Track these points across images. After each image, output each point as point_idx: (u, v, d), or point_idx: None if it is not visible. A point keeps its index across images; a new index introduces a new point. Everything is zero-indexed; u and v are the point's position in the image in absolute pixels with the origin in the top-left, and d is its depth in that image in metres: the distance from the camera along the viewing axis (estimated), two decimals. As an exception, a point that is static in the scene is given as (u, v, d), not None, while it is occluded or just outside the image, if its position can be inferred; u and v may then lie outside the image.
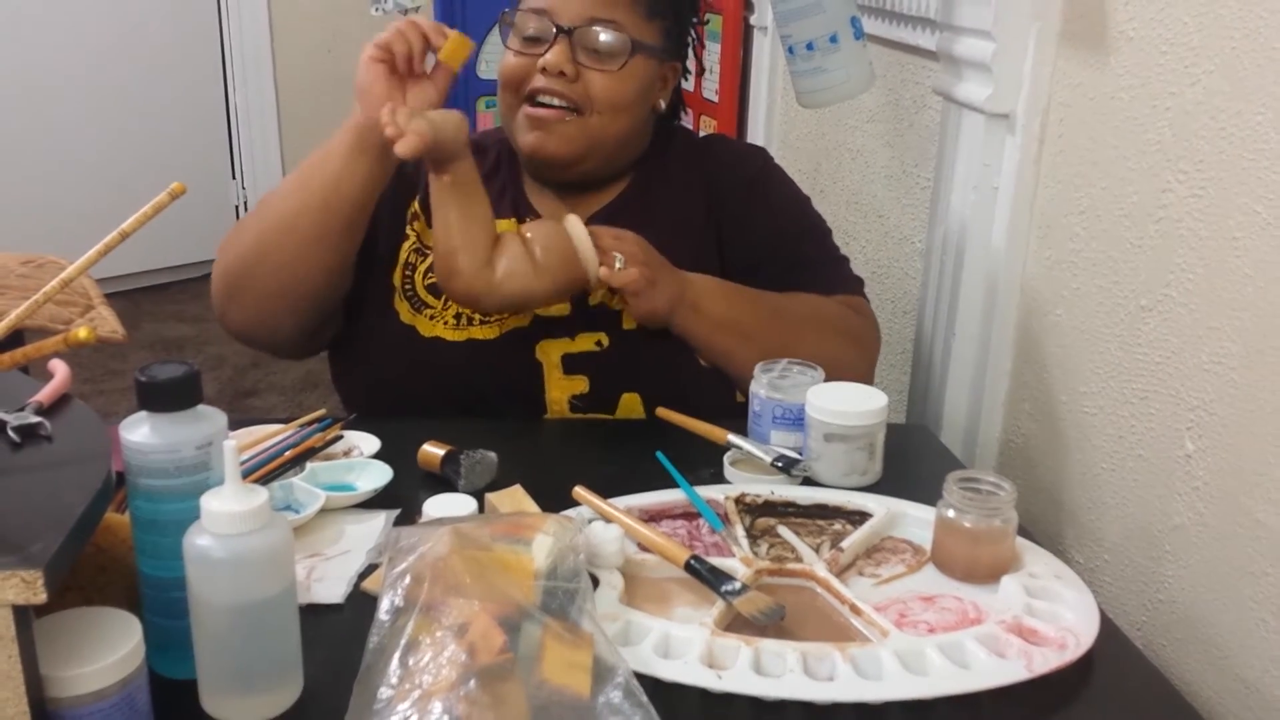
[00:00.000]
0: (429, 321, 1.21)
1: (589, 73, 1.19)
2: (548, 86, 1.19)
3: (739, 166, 1.32)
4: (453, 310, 1.21)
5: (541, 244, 1.10)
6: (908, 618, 0.87)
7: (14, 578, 0.61)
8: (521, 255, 1.10)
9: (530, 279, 1.10)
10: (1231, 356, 0.95)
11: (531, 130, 1.21)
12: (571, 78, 1.18)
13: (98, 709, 0.67)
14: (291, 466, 1.03)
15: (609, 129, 1.21)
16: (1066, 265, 1.19)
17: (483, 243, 1.10)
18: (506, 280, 1.10)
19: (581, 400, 1.20)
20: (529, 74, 1.20)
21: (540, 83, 1.19)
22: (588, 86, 1.19)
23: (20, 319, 0.80)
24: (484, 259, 1.10)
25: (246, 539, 0.70)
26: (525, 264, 1.10)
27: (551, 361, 1.19)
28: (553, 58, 1.18)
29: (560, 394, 1.20)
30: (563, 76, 1.18)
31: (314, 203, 1.14)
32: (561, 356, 1.19)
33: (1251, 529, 0.92)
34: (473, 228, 1.10)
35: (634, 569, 0.92)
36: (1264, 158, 0.91)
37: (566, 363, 1.19)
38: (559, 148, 1.20)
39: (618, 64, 1.19)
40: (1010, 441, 1.32)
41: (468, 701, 0.69)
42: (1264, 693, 0.91)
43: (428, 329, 1.21)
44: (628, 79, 1.20)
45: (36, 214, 3.59)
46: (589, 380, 1.19)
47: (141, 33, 3.78)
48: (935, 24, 1.41)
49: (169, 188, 0.80)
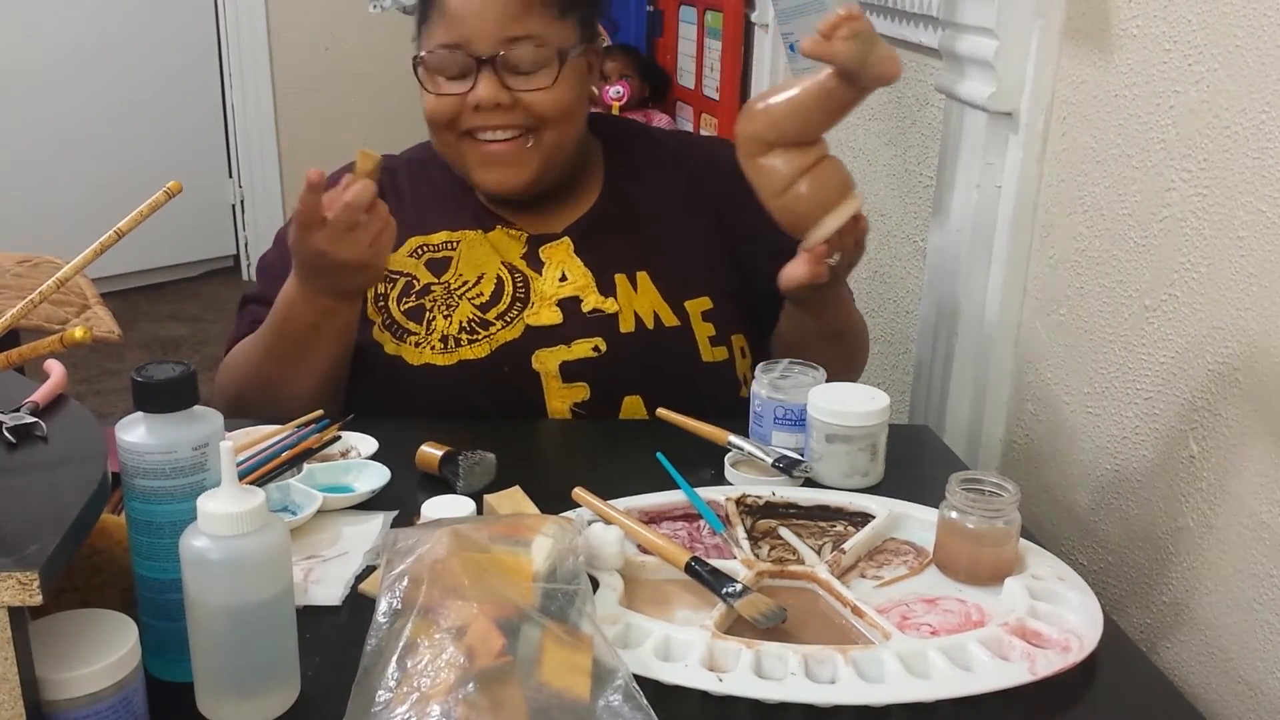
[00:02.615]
0: (415, 349, 1.18)
1: (525, 95, 1.14)
2: (488, 123, 1.15)
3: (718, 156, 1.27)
4: (438, 334, 1.18)
5: (818, 178, 1.05)
6: (910, 620, 0.86)
7: (10, 579, 0.61)
8: (798, 168, 1.04)
9: (780, 180, 1.04)
10: (1236, 357, 0.94)
11: (490, 168, 1.17)
12: (509, 105, 1.14)
13: (94, 711, 0.67)
14: (289, 467, 1.02)
15: (563, 140, 1.18)
16: (1070, 264, 1.19)
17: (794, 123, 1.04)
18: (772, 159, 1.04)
19: (584, 407, 1.18)
20: (461, 111, 1.15)
21: (478, 120, 1.15)
22: (529, 108, 1.15)
23: (16, 319, 0.80)
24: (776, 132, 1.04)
25: (243, 541, 0.69)
26: (791, 169, 1.04)
27: (549, 371, 1.17)
28: (483, 93, 1.13)
29: (561, 403, 1.18)
30: (499, 108, 1.14)
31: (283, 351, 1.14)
32: (559, 365, 1.17)
33: (1256, 531, 0.92)
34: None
35: (634, 571, 0.91)
36: (1268, 156, 0.90)
37: (565, 371, 1.18)
38: (520, 178, 1.17)
39: (548, 79, 1.14)
40: (1013, 442, 1.32)
41: (466, 704, 0.69)
42: (1268, 695, 0.91)
43: (415, 357, 1.18)
44: (565, 87, 1.16)
45: (32, 213, 3.59)
46: (589, 387, 1.18)
47: (138, 31, 3.77)
48: (938, 21, 1.40)
49: (165, 186, 0.79)
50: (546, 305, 1.19)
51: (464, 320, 1.18)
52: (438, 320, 1.19)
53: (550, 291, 1.20)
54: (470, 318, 1.19)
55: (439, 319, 1.19)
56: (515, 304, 1.19)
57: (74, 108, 3.70)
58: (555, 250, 1.23)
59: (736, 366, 1.24)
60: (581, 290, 1.20)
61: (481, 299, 1.20)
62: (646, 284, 1.22)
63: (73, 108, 3.70)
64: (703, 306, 1.22)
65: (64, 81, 3.66)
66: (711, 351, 1.21)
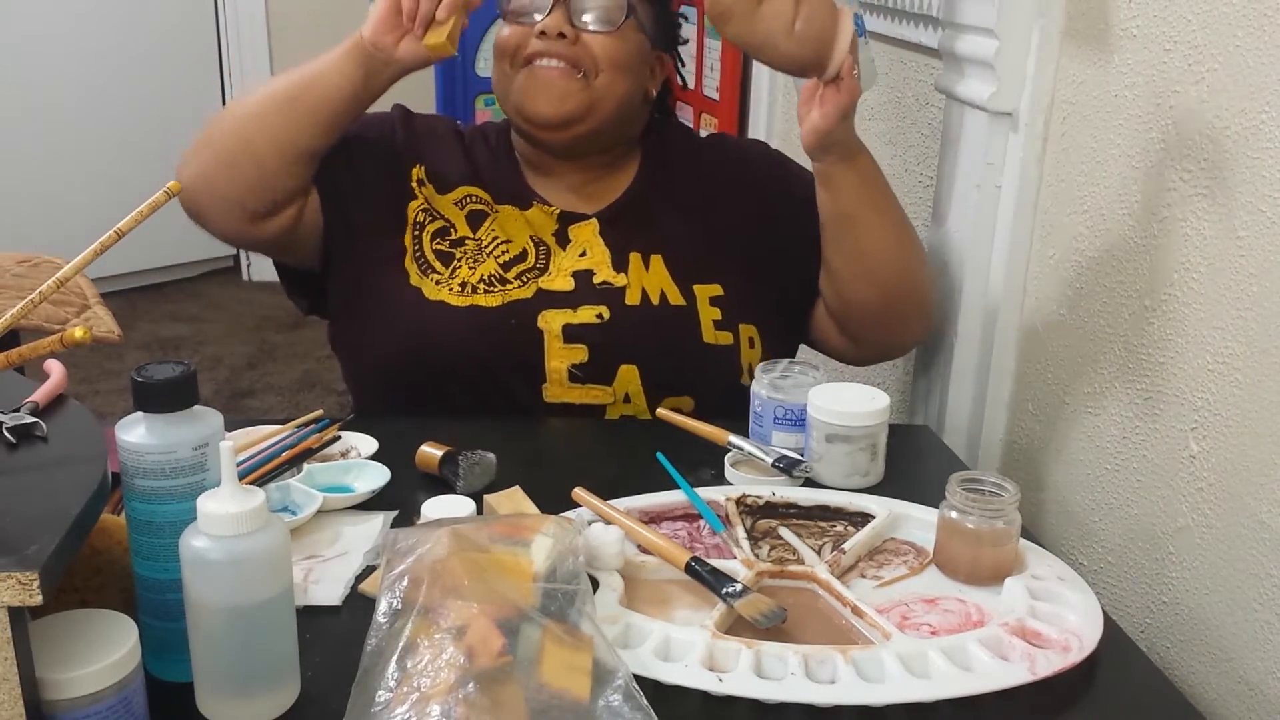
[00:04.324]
0: (435, 286, 1.23)
1: (587, 36, 1.22)
2: (547, 49, 1.21)
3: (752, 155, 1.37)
4: (459, 279, 1.22)
5: (807, 12, 1.06)
6: (910, 620, 0.86)
7: (10, 579, 0.61)
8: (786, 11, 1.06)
9: (780, 36, 1.06)
10: (1236, 356, 0.94)
11: (537, 93, 1.22)
12: (571, 40, 1.21)
13: (94, 712, 0.67)
14: (289, 468, 1.02)
15: (610, 90, 1.23)
16: (1070, 264, 1.19)
17: None
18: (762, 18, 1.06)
19: (580, 369, 1.21)
20: (526, 40, 1.22)
21: (539, 46, 1.21)
22: (588, 47, 1.21)
23: (16, 319, 0.80)
24: None
25: (243, 541, 0.69)
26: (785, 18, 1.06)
27: (553, 331, 1.20)
28: (551, 20, 1.20)
29: (560, 363, 1.20)
30: (562, 39, 1.20)
31: (293, 82, 1.19)
32: (563, 326, 1.21)
33: (1256, 531, 0.92)
34: None
35: (634, 571, 0.91)
36: (1268, 156, 0.90)
37: (567, 332, 1.21)
38: (564, 108, 1.22)
39: (615, 25, 1.22)
40: (1013, 442, 1.32)
41: (466, 704, 0.69)
42: (1268, 695, 0.91)
43: (433, 293, 1.22)
44: (626, 40, 1.23)
45: (32, 213, 3.59)
46: (588, 350, 1.21)
47: (138, 30, 3.77)
48: (938, 21, 1.40)
49: (165, 186, 0.79)
50: (562, 275, 1.24)
51: (485, 274, 1.23)
52: (462, 269, 1.24)
53: (569, 264, 1.25)
54: (492, 273, 1.23)
55: (464, 268, 1.24)
56: (535, 270, 1.25)
57: (74, 107, 3.70)
58: (582, 230, 1.28)
59: (741, 355, 1.25)
60: (596, 265, 1.25)
61: (507, 257, 1.25)
62: (659, 265, 1.26)
63: (73, 108, 3.69)
64: (712, 292, 1.26)
65: (64, 81, 3.66)
66: (715, 334, 1.24)
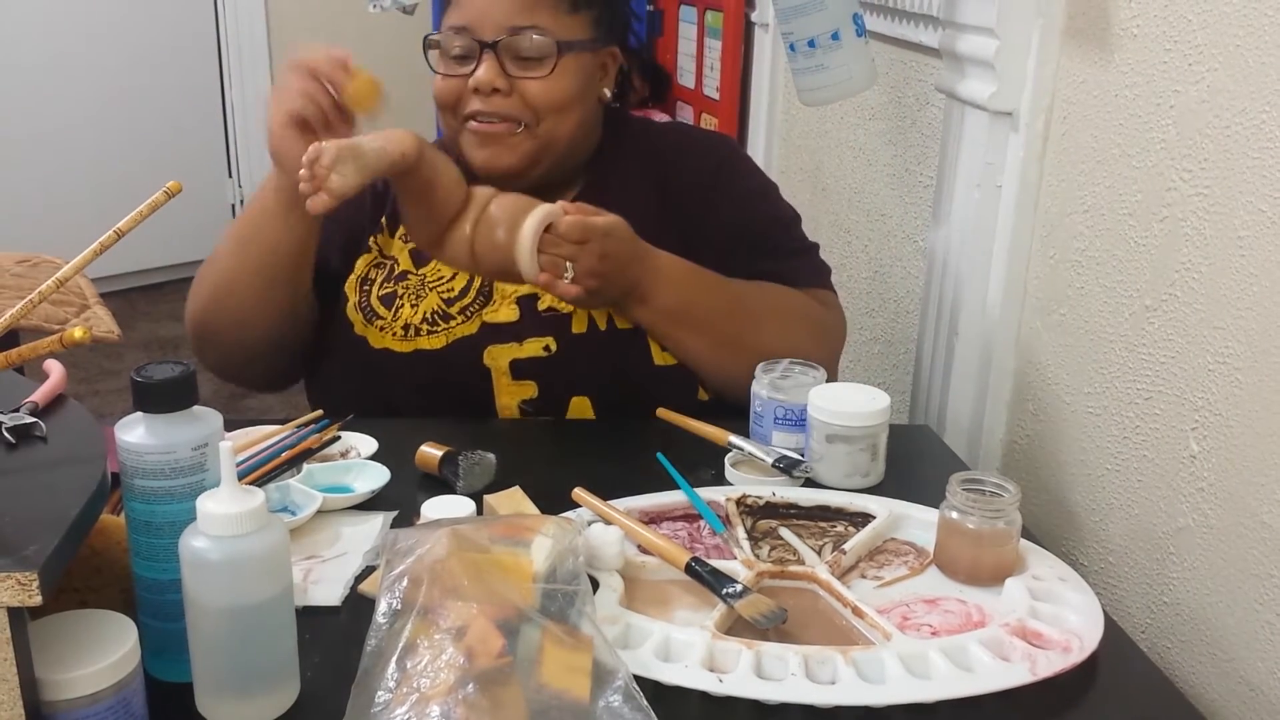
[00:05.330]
0: (379, 333, 1.21)
1: (522, 82, 1.18)
2: (485, 108, 1.18)
3: (701, 156, 1.30)
4: (401, 321, 1.20)
5: (505, 226, 1.08)
6: (910, 620, 0.86)
7: (9, 580, 0.61)
8: (470, 238, 1.09)
9: (465, 261, 1.10)
10: (1236, 356, 0.94)
11: (481, 147, 1.20)
12: (506, 92, 1.18)
13: (93, 712, 0.67)
14: (288, 468, 1.02)
15: (557, 132, 1.20)
16: (1070, 264, 1.18)
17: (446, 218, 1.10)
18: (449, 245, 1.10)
19: (531, 405, 1.19)
20: (463, 94, 1.19)
21: (477, 104, 1.18)
22: (524, 96, 1.18)
23: (15, 319, 0.80)
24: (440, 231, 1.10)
25: (243, 541, 0.69)
26: (464, 235, 1.09)
27: (500, 367, 1.18)
28: (483, 75, 1.17)
29: (509, 399, 1.19)
30: (497, 93, 1.17)
31: (251, 265, 1.16)
32: (510, 362, 1.18)
33: (1257, 530, 0.92)
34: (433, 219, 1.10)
35: (634, 571, 0.91)
36: (1269, 155, 0.90)
37: (515, 368, 1.18)
38: (511, 161, 1.20)
39: (547, 68, 1.18)
40: (1014, 442, 1.32)
41: (466, 705, 0.69)
42: (1269, 695, 0.91)
43: (377, 340, 1.20)
44: (561, 79, 1.19)
45: (31, 213, 3.58)
46: (537, 386, 1.19)
47: (138, 30, 3.77)
48: (938, 21, 1.40)
49: (165, 186, 0.79)
50: (506, 302, 1.21)
51: (428, 311, 1.21)
52: (404, 309, 1.21)
53: (511, 289, 1.21)
54: (434, 309, 1.21)
55: (406, 307, 1.21)
56: (478, 299, 1.21)
57: (74, 108, 3.69)
58: None
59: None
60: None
61: (450, 293, 1.22)
62: None
63: (73, 108, 3.69)
64: None
65: (64, 81, 3.66)
66: (664, 356, 1.20)
